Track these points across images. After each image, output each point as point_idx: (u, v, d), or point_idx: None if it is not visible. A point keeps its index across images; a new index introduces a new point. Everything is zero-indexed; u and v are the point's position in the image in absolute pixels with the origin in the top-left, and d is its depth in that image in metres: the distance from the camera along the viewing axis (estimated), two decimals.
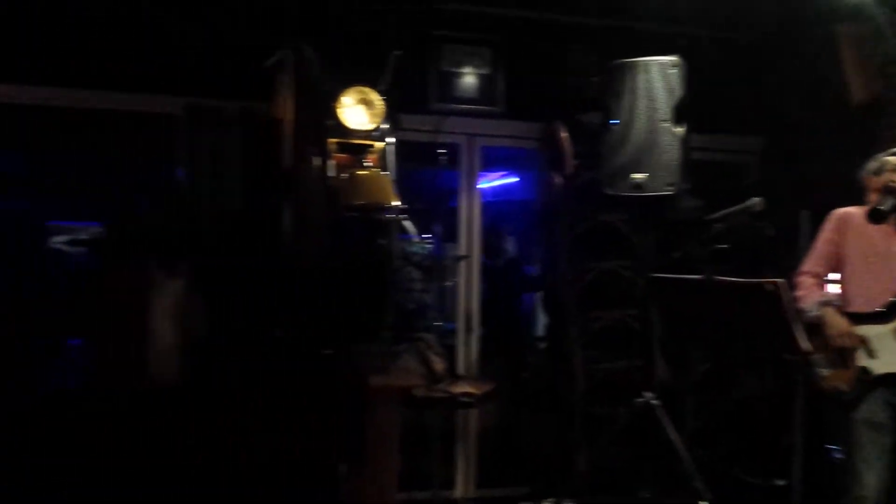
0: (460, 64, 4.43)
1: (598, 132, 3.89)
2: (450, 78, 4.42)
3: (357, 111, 3.49)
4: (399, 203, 3.49)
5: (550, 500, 4.07)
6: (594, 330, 4.22)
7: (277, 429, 3.58)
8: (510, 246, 5.59)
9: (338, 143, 3.54)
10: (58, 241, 6.18)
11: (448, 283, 4.35)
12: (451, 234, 4.63)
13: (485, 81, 4.46)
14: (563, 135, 4.27)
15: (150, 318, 3.42)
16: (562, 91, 4.48)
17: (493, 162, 4.94)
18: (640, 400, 3.74)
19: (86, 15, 3.89)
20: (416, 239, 4.14)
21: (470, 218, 4.68)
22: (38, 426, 3.30)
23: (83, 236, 6.07)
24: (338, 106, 3.46)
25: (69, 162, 5.47)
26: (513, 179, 6.78)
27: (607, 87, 3.82)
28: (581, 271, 4.26)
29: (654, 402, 3.71)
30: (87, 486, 3.26)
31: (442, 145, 4.22)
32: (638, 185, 3.64)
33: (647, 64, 3.73)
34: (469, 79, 4.44)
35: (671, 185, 3.64)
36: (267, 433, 3.58)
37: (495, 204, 6.20)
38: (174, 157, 3.79)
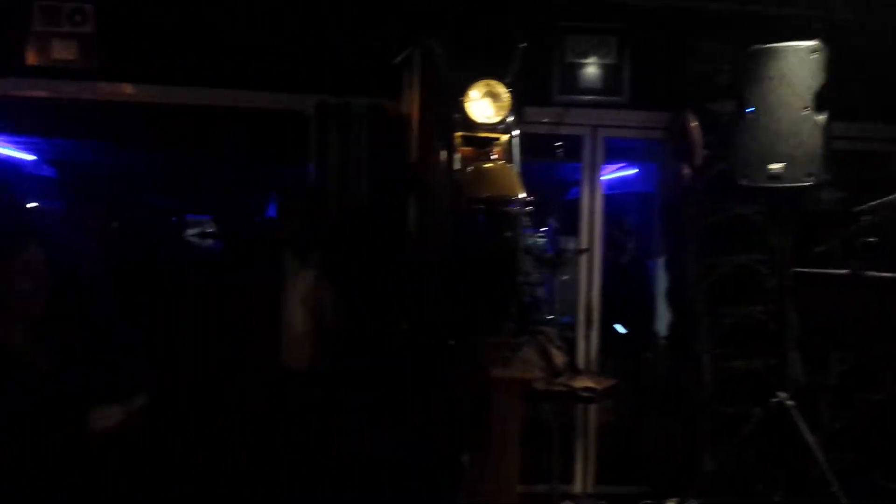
0: (585, 54, 4.36)
1: (731, 121, 3.74)
2: (574, 68, 4.36)
3: (483, 104, 3.49)
4: (525, 195, 3.46)
5: (674, 500, 3.98)
6: (724, 327, 4.08)
7: (402, 418, 3.65)
8: (633, 240, 5.48)
9: (463, 136, 3.55)
10: (192, 233, 6.51)
11: (564, 277, 4.30)
12: (567, 228, 4.59)
13: (609, 71, 4.38)
14: (693, 124, 4.14)
15: (284, 308, 3.56)
16: (690, 79, 4.34)
17: (610, 153, 4.85)
18: (774, 400, 3.60)
19: (220, 16, 4.05)
20: (531, 232, 4.12)
21: (592, 211, 4.61)
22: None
23: (210, 229, 6.38)
24: (464, 99, 3.47)
25: (206, 159, 5.76)
26: (631, 171, 6.63)
27: (742, 75, 3.67)
28: (710, 266, 4.12)
29: (789, 402, 3.57)
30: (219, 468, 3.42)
31: (564, 137, 4.16)
32: (775, 176, 3.49)
33: (786, 49, 3.56)
34: (593, 69, 4.37)
35: (811, 175, 3.46)
36: (392, 422, 3.65)
37: (615, 196, 6.08)
38: (305, 153, 3.90)
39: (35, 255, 2.18)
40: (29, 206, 4.61)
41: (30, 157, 6.81)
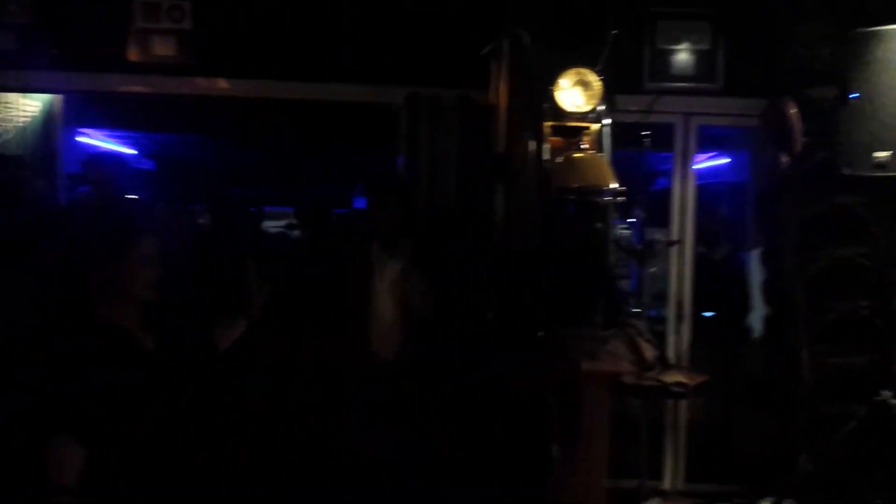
0: (676, 40, 4.24)
1: (832, 108, 3.58)
2: (665, 55, 4.24)
3: (574, 93, 3.44)
4: (616, 186, 3.41)
5: (768, 500, 3.86)
6: (824, 322, 3.92)
7: (489, 409, 3.65)
8: (725, 232, 5.33)
9: (553, 126, 3.52)
10: (280, 224, 6.67)
11: (652, 269, 4.21)
12: (654, 219, 4.48)
13: (702, 57, 4.25)
14: (792, 111, 3.98)
15: (372, 298, 3.61)
16: (786, 65, 4.18)
17: (701, 142, 4.72)
18: (878, 398, 3.44)
19: (310, 11, 4.12)
20: (619, 223, 4.05)
21: (683, 201, 4.50)
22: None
23: (296, 221, 6.51)
24: (554, 88, 3.43)
25: (298, 152, 5.91)
26: (723, 160, 6.45)
27: (844, 60, 3.50)
28: (809, 259, 3.96)
29: (893, 401, 3.41)
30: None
31: (655, 125, 4.07)
32: (881, 165, 3.32)
33: (891, 32, 3.38)
34: (686, 55, 4.25)
35: None
36: (479, 413, 3.66)
37: (706, 186, 5.93)
38: (394, 145, 3.94)
39: (150, 246, 2.33)
40: (134, 198, 4.78)
41: (130, 152, 7.13)
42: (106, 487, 2.16)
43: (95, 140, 6.57)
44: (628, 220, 4.42)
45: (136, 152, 7.18)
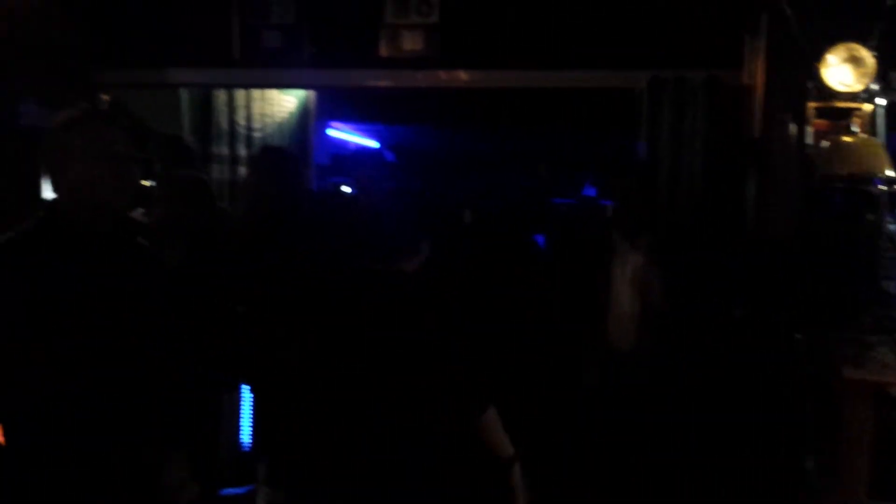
0: None
1: None
2: None
3: (843, 70, 3.12)
4: (892, 173, 3.05)
5: None
6: None
7: (732, 410, 3.44)
8: None
9: (817, 107, 3.22)
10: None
11: None
12: None
13: None
14: None
15: (611, 288, 3.52)
16: None
17: None
18: None
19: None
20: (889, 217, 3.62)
21: None
22: None
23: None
24: (820, 66, 3.13)
25: (534, 140, 5.92)
26: None
27: None
28: None
29: None
30: None
31: None
32: None
33: None
34: None
35: None
36: (721, 412, 3.45)
37: None
38: (636, 131, 3.81)
39: (426, 249, 2.38)
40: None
41: (374, 144, 7.54)
42: None
43: (342, 133, 7.01)
44: None
45: (378, 144, 7.56)
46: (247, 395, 3.91)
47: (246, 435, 3.98)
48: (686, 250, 3.52)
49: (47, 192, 3.90)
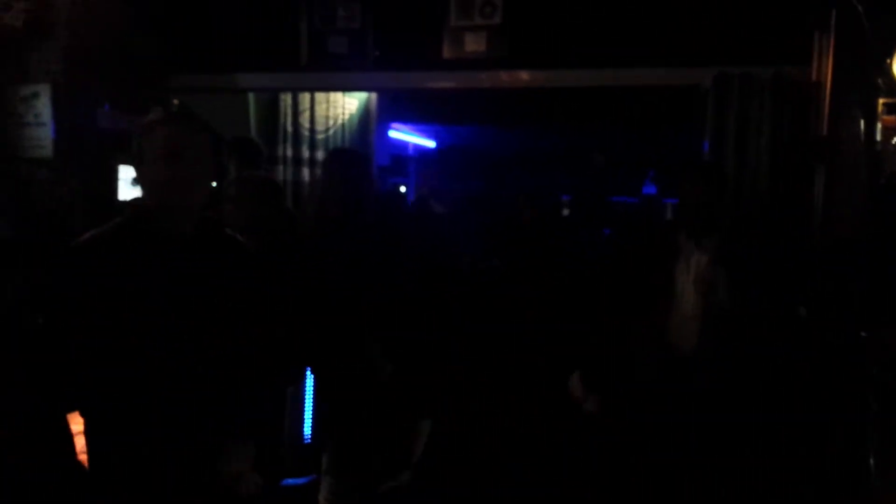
0: None
1: None
2: None
3: None
4: None
5: None
6: None
7: (796, 408, 3.40)
8: None
9: (887, 103, 3.18)
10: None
11: None
12: None
13: None
14: None
15: (675, 288, 3.49)
16: None
17: None
18: None
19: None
20: None
21: None
22: None
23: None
24: (891, 62, 3.09)
25: (593, 138, 5.91)
26: None
27: None
28: None
29: None
30: None
31: None
32: None
33: None
34: None
35: None
36: (783, 411, 3.42)
37: None
38: (698, 129, 3.78)
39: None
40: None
41: (431, 144, 7.61)
42: None
43: (401, 133, 7.10)
44: None
45: (435, 144, 7.63)
46: (309, 387, 4.00)
47: (308, 427, 4.07)
48: (751, 249, 3.47)
49: (124, 193, 4.10)
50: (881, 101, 3.17)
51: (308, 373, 3.82)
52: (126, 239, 2.15)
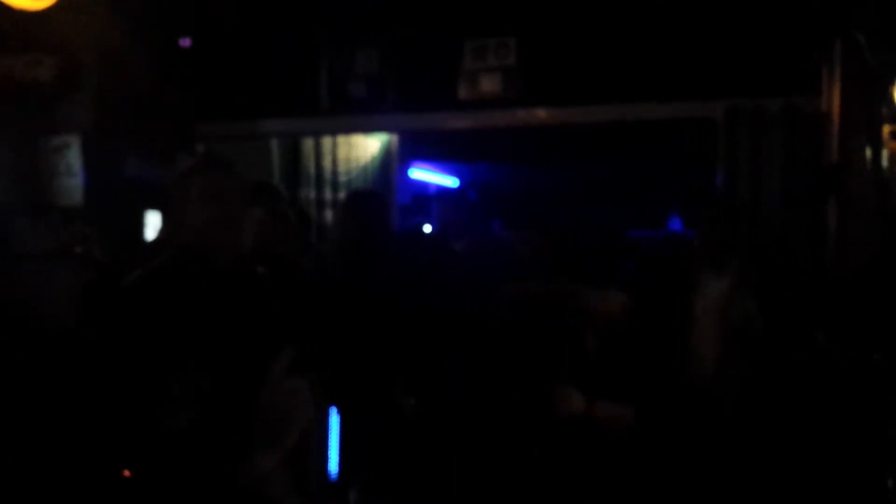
0: None
1: None
2: None
3: None
4: None
5: None
6: None
7: (820, 434, 3.40)
8: None
9: (892, 131, 3.22)
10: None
11: None
12: None
13: None
14: None
15: (695, 317, 3.52)
16: None
17: None
18: None
19: (620, 34, 4.15)
20: None
21: None
22: None
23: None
24: (893, 90, 3.14)
25: (606, 174, 5.94)
26: None
27: None
28: None
29: None
30: None
31: None
32: None
33: None
34: None
35: None
36: (809, 436, 3.41)
37: None
38: (713, 161, 3.83)
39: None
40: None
41: (453, 183, 7.70)
42: None
43: (422, 173, 7.20)
44: None
45: (457, 182, 7.72)
46: (335, 424, 4.03)
47: (334, 464, 4.09)
48: (768, 278, 3.50)
49: (149, 234, 4.21)
50: (887, 128, 3.21)
51: (334, 410, 3.87)
52: (170, 277, 2.27)
